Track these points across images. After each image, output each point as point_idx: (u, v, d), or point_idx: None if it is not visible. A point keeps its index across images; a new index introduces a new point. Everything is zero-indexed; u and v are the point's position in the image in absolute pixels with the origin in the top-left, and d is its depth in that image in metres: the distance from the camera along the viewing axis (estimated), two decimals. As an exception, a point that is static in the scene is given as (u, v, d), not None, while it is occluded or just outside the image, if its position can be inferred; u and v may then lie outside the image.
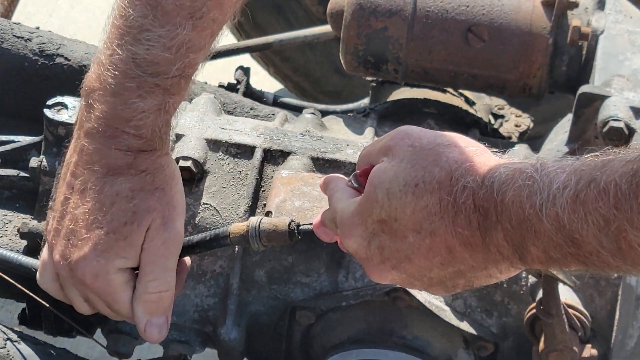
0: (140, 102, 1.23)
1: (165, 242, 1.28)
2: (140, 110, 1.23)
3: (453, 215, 1.04)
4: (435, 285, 1.12)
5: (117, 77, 1.22)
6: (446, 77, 1.79)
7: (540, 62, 1.75)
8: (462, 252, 1.05)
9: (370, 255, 1.13)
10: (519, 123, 2.08)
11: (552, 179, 0.97)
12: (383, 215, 1.09)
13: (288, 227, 1.28)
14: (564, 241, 0.96)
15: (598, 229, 0.93)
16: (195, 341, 1.59)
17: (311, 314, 1.55)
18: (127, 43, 1.21)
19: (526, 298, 1.51)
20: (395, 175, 1.09)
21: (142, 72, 1.22)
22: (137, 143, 1.25)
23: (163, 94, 1.24)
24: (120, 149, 1.25)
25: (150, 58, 1.21)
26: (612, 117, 1.52)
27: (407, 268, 1.10)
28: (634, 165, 0.91)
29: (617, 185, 0.91)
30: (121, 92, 1.23)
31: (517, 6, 1.75)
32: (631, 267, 0.93)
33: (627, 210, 0.90)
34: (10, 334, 1.42)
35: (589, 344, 1.46)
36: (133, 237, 1.26)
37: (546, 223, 0.96)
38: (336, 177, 1.25)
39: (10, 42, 1.76)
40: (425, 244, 1.07)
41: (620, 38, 1.72)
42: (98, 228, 1.26)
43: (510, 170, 1.02)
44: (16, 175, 1.60)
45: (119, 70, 1.22)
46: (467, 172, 1.05)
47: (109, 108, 1.23)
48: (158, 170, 1.28)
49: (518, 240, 1.00)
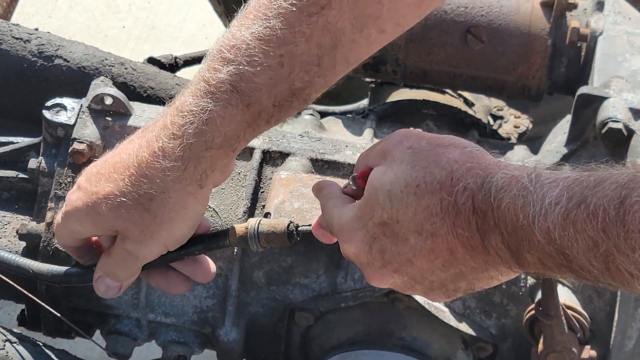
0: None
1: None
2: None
3: (454, 216, 1.04)
4: (436, 289, 1.12)
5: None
6: (445, 78, 1.80)
7: (539, 63, 1.75)
8: (463, 253, 1.05)
9: (371, 259, 1.12)
10: (518, 124, 2.08)
11: (545, 193, 0.97)
12: (385, 217, 1.09)
13: (287, 229, 1.28)
14: (556, 254, 0.96)
15: (587, 249, 0.93)
16: (194, 342, 1.59)
17: (310, 315, 1.55)
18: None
19: (525, 299, 1.51)
20: (395, 176, 1.09)
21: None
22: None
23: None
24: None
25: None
26: (611, 118, 1.52)
27: (408, 271, 1.10)
28: (623, 191, 0.91)
29: (605, 210, 0.91)
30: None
31: (516, 7, 1.75)
32: (620, 285, 0.93)
33: (614, 236, 0.91)
34: (9, 335, 1.42)
35: (588, 345, 1.46)
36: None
37: (538, 235, 0.96)
38: (329, 183, 1.24)
39: (9, 43, 1.76)
40: (427, 246, 1.07)
41: (619, 39, 1.72)
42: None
43: (507, 176, 1.01)
44: (15, 176, 1.60)
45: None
46: (467, 173, 1.04)
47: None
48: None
49: (515, 246, 1.00)
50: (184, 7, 3.96)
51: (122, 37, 3.83)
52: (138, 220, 1.23)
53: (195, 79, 1.22)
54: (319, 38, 1.19)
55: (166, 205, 1.22)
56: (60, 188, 1.53)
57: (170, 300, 1.56)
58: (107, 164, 1.26)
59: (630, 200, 0.90)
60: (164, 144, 1.21)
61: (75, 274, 1.35)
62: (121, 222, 1.24)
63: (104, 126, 1.54)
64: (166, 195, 1.22)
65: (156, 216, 1.23)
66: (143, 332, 1.59)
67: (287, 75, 1.19)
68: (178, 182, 1.22)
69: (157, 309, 1.57)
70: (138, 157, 1.23)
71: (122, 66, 1.77)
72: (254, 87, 1.19)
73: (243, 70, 1.19)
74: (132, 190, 1.23)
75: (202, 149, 1.21)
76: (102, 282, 1.30)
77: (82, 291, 1.56)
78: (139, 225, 1.23)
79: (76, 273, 1.35)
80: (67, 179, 1.53)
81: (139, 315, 1.57)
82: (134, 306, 1.56)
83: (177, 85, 1.80)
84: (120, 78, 1.76)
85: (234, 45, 1.19)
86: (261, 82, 1.19)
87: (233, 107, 1.19)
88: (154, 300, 1.56)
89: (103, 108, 1.55)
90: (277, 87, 1.19)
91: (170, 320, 1.57)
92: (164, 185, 1.22)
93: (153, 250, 1.26)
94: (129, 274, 1.29)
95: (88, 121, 1.54)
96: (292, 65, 1.19)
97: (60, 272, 1.36)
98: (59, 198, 1.52)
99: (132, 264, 1.28)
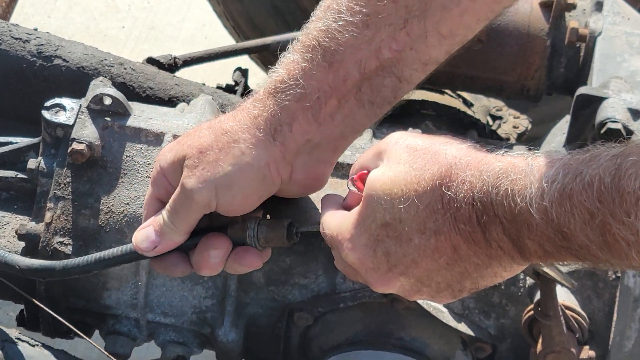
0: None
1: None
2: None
3: (455, 211, 1.04)
4: (443, 291, 1.11)
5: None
6: (444, 78, 1.80)
7: (538, 63, 1.75)
8: (466, 249, 1.05)
9: (377, 263, 1.11)
10: (517, 124, 2.08)
11: (542, 174, 0.97)
12: (387, 217, 1.08)
13: (286, 229, 1.28)
14: (555, 235, 0.97)
15: (584, 222, 0.93)
16: (193, 342, 1.59)
17: (309, 316, 1.55)
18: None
19: (524, 300, 1.51)
20: (395, 176, 1.09)
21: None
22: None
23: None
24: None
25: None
26: (609, 118, 1.52)
27: (414, 272, 1.09)
28: (618, 159, 0.92)
29: (601, 179, 0.92)
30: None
31: (515, 8, 1.75)
32: (619, 260, 0.94)
33: (609, 203, 0.91)
34: (8, 336, 1.42)
35: (586, 345, 1.46)
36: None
37: (537, 217, 0.97)
38: (329, 195, 1.24)
39: (8, 43, 1.76)
40: (430, 244, 1.07)
41: (618, 40, 1.72)
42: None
43: (504, 164, 1.02)
44: (14, 176, 1.60)
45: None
46: (466, 167, 1.05)
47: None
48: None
49: (515, 234, 1.01)
50: (184, 7, 3.96)
51: (121, 37, 3.83)
52: (206, 159, 1.22)
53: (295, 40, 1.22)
54: (406, 0, 1.16)
55: (230, 151, 1.21)
56: (59, 188, 1.52)
57: (169, 300, 1.56)
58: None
59: (625, 165, 0.91)
60: (249, 98, 1.23)
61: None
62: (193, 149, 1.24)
63: (103, 126, 1.54)
64: (237, 139, 1.22)
65: (219, 159, 1.22)
66: (142, 332, 1.59)
67: (372, 37, 1.17)
68: (250, 130, 1.22)
69: (156, 309, 1.57)
70: (227, 116, 1.25)
71: (121, 66, 1.78)
72: (337, 44, 1.17)
73: (329, 26, 1.18)
74: (213, 139, 1.24)
75: (279, 96, 1.19)
76: (144, 231, 1.30)
77: (81, 291, 1.56)
78: (202, 165, 1.23)
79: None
80: (66, 179, 1.53)
81: (137, 316, 1.57)
82: (133, 306, 1.56)
83: (176, 85, 1.80)
84: (120, 78, 1.76)
85: (328, 6, 1.19)
86: (344, 40, 1.17)
87: (314, 62, 1.18)
88: (152, 300, 1.56)
89: (102, 108, 1.55)
90: (362, 50, 1.17)
91: (169, 320, 1.57)
92: (238, 129, 1.22)
93: (204, 194, 1.23)
94: (174, 227, 1.27)
95: (87, 121, 1.54)
96: (378, 26, 1.16)
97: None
98: (58, 198, 1.52)
99: (181, 206, 1.25)
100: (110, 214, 1.51)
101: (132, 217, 1.50)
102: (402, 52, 1.18)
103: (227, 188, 1.23)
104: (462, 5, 1.18)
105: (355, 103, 1.21)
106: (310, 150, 1.24)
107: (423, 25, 1.17)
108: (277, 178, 1.24)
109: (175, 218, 1.27)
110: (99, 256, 1.34)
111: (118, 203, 1.51)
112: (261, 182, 1.24)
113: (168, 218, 1.28)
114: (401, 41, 1.17)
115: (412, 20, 1.16)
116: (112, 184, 1.52)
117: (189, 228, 1.28)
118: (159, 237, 1.29)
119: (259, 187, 1.24)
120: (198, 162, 1.23)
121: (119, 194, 1.52)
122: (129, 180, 1.52)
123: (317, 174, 1.28)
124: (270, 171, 1.23)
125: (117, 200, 1.51)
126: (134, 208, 1.51)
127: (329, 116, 1.21)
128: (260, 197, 1.25)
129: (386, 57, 1.18)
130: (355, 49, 1.17)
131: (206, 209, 1.25)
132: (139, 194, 1.51)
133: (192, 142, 1.26)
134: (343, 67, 1.18)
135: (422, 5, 1.16)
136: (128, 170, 1.52)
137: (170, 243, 1.29)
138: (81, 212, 1.52)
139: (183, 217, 1.27)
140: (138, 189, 1.51)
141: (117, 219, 1.51)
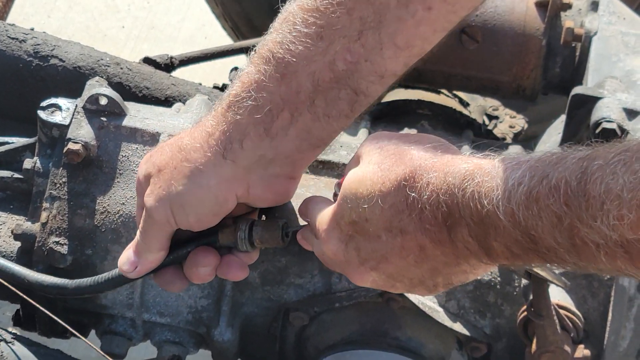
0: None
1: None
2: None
3: (419, 212, 1.04)
4: (416, 286, 1.12)
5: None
6: (440, 78, 1.80)
7: (534, 63, 1.75)
8: (433, 249, 1.05)
9: (348, 257, 1.13)
10: (513, 124, 2.08)
11: (508, 176, 0.96)
12: (354, 216, 1.10)
13: (281, 229, 1.28)
14: (522, 237, 0.96)
15: (551, 225, 0.92)
16: (189, 342, 1.59)
17: (304, 316, 1.55)
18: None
19: (519, 299, 1.51)
20: (363, 176, 1.10)
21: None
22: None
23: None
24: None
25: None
26: (604, 118, 1.52)
27: (385, 268, 1.10)
28: (584, 162, 0.91)
29: (567, 183, 0.91)
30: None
31: (511, 7, 1.75)
32: (587, 263, 0.93)
33: (576, 207, 0.90)
34: (5, 335, 1.43)
35: (581, 344, 1.46)
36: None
37: (504, 220, 0.96)
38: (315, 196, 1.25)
39: (4, 43, 1.76)
40: (397, 243, 1.07)
41: (614, 39, 1.72)
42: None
43: (470, 165, 1.01)
44: (10, 176, 1.60)
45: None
46: (430, 169, 1.04)
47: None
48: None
49: (482, 236, 1.00)
50: (183, 7, 3.96)
51: (121, 36, 3.83)
52: (163, 177, 1.22)
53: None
54: (361, 11, 1.14)
55: (182, 170, 1.20)
56: (55, 188, 1.53)
57: (165, 300, 1.56)
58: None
59: (591, 169, 0.90)
60: (210, 112, 1.21)
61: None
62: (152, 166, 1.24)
63: (99, 126, 1.55)
64: (189, 159, 1.20)
65: (172, 178, 1.21)
66: (138, 332, 1.59)
67: (325, 49, 1.15)
68: (202, 149, 1.20)
69: (152, 309, 1.57)
70: (187, 132, 1.24)
71: (117, 66, 1.78)
72: (290, 56, 1.15)
73: (284, 38, 1.16)
74: (170, 157, 1.23)
75: (232, 111, 1.18)
76: (126, 253, 1.29)
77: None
78: (159, 183, 1.22)
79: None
80: (62, 179, 1.53)
81: (133, 315, 1.57)
82: (129, 306, 1.57)
83: (173, 85, 1.80)
84: (116, 78, 1.77)
85: (285, 18, 1.18)
86: (297, 51, 1.15)
87: (267, 74, 1.16)
88: (148, 300, 1.56)
89: (98, 108, 1.55)
90: (315, 62, 1.15)
91: (165, 320, 1.57)
92: (190, 148, 1.20)
93: (161, 212, 1.22)
94: (146, 246, 1.27)
95: (83, 121, 1.54)
96: (332, 38, 1.14)
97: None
98: (53, 198, 1.52)
99: (147, 225, 1.25)
100: (106, 213, 1.52)
101: (128, 217, 1.51)
102: (357, 63, 1.16)
103: (181, 207, 1.22)
104: (417, 17, 1.15)
105: (309, 116, 1.18)
106: (265, 166, 1.21)
107: (378, 36, 1.15)
108: (231, 196, 1.22)
109: (145, 237, 1.27)
110: (90, 281, 1.36)
111: (114, 203, 1.52)
112: (213, 202, 1.22)
113: (140, 237, 1.28)
114: (356, 53, 1.15)
115: (367, 32, 1.15)
116: (108, 184, 1.52)
117: (161, 245, 1.27)
118: (137, 257, 1.28)
119: (212, 207, 1.22)
120: (157, 180, 1.23)
121: (115, 194, 1.52)
122: (124, 180, 1.52)
123: (277, 189, 1.25)
124: (221, 191, 1.21)
125: (112, 200, 1.52)
126: (130, 208, 1.51)
127: (282, 130, 1.18)
128: (216, 214, 1.23)
129: (340, 69, 1.15)
130: (309, 60, 1.15)
131: (169, 226, 1.25)
132: (135, 194, 1.51)
133: (155, 158, 1.25)
134: (296, 79, 1.16)
135: (377, 16, 1.14)
136: (124, 170, 1.53)
137: (148, 262, 1.28)
138: (77, 212, 1.52)
139: (151, 235, 1.26)
140: (134, 189, 1.51)
141: (112, 219, 1.51)
